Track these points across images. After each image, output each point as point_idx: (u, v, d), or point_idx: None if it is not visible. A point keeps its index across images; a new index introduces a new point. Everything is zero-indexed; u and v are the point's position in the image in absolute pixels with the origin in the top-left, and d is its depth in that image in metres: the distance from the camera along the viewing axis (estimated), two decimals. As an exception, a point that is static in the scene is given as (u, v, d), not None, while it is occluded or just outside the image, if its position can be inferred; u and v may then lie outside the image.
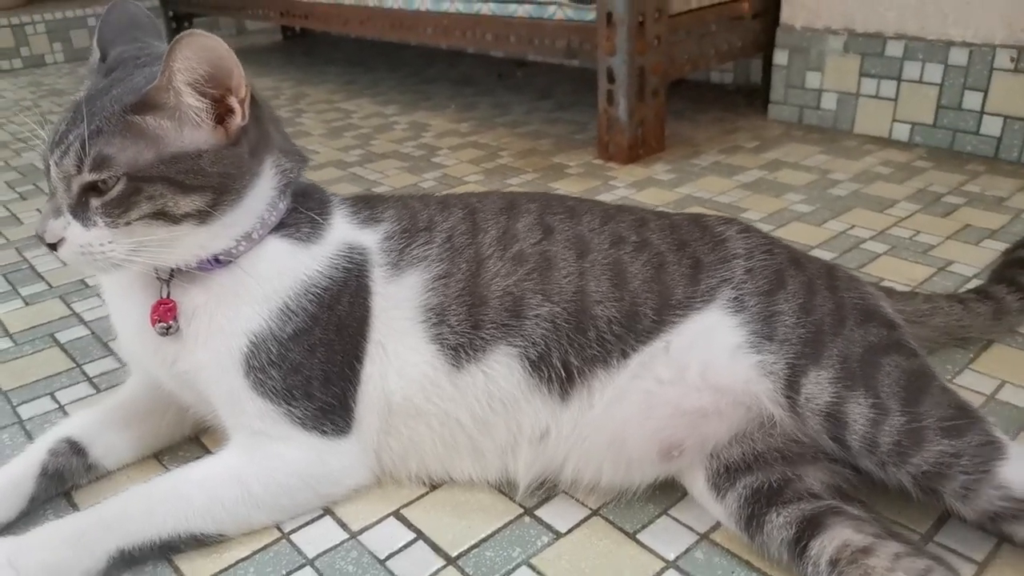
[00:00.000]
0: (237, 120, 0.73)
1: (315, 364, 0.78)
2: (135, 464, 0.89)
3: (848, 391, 0.71)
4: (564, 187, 1.69)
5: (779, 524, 0.69)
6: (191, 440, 0.93)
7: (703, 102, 2.26)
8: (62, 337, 1.19)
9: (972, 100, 1.68)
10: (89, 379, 1.07)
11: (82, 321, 1.23)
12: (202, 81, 0.70)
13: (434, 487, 0.83)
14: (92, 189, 0.70)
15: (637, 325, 0.78)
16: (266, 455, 0.78)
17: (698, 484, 0.77)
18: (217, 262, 0.78)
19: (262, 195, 0.79)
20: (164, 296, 0.78)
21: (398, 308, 0.81)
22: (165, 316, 0.78)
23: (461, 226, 0.85)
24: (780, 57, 1.97)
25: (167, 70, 0.69)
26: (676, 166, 1.78)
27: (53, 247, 0.71)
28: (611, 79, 1.75)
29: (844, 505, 0.70)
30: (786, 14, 1.94)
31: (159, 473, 0.87)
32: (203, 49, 0.68)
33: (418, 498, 0.82)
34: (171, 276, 0.79)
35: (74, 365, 1.11)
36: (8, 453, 0.92)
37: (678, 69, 1.85)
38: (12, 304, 1.30)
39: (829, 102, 1.92)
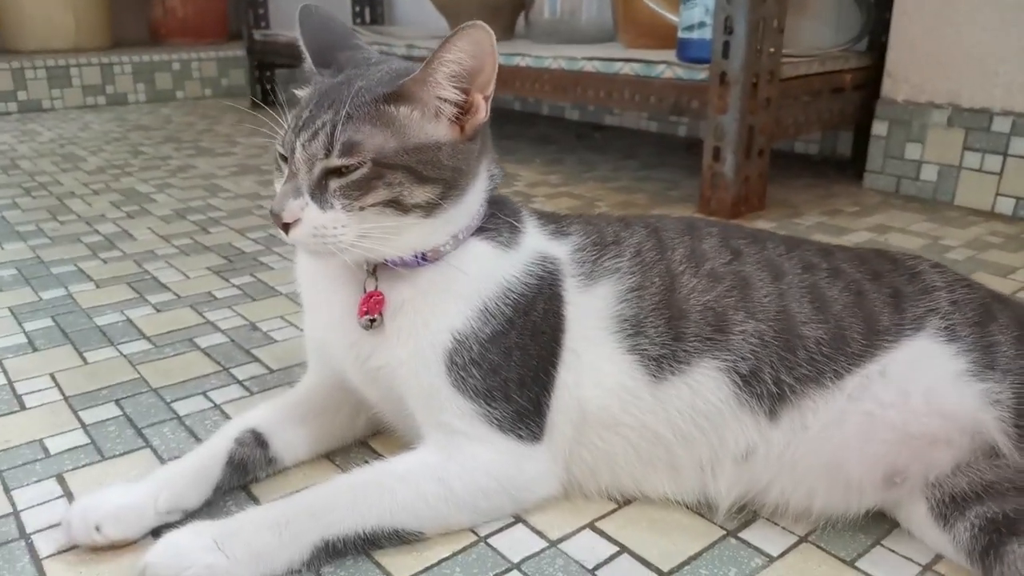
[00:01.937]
0: (480, 117, 0.75)
1: (512, 367, 0.77)
2: (309, 463, 0.87)
3: (1083, 423, 0.70)
4: (671, 237, 1.70)
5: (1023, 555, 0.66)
6: (361, 444, 0.91)
7: (791, 169, 2.29)
8: (201, 342, 1.18)
9: (1084, 176, 1.69)
10: (239, 382, 1.06)
11: (218, 329, 1.23)
12: (463, 75, 0.72)
13: (625, 502, 0.81)
14: (334, 173, 0.71)
15: (847, 348, 0.77)
16: (465, 455, 0.76)
17: (917, 514, 0.74)
18: (424, 259, 0.78)
19: (478, 196, 0.80)
20: (373, 289, 0.78)
21: (591, 317, 0.80)
22: (373, 309, 0.77)
23: (647, 242, 0.86)
24: (879, 128, 2.00)
25: (436, 60, 0.70)
26: (780, 224, 1.79)
27: (286, 228, 0.71)
28: (719, 137, 1.78)
29: (1093, 538, 0.67)
30: (887, 87, 1.98)
31: (334, 474, 0.85)
32: (478, 43, 0.70)
33: (610, 512, 0.80)
34: (374, 271, 0.79)
35: (220, 368, 1.10)
36: (172, 445, 0.91)
37: (784, 131, 1.88)
38: (143, 310, 1.30)
39: (929, 173, 1.94)
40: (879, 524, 0.77)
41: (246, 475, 0.83)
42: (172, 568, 0.66)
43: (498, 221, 0.82)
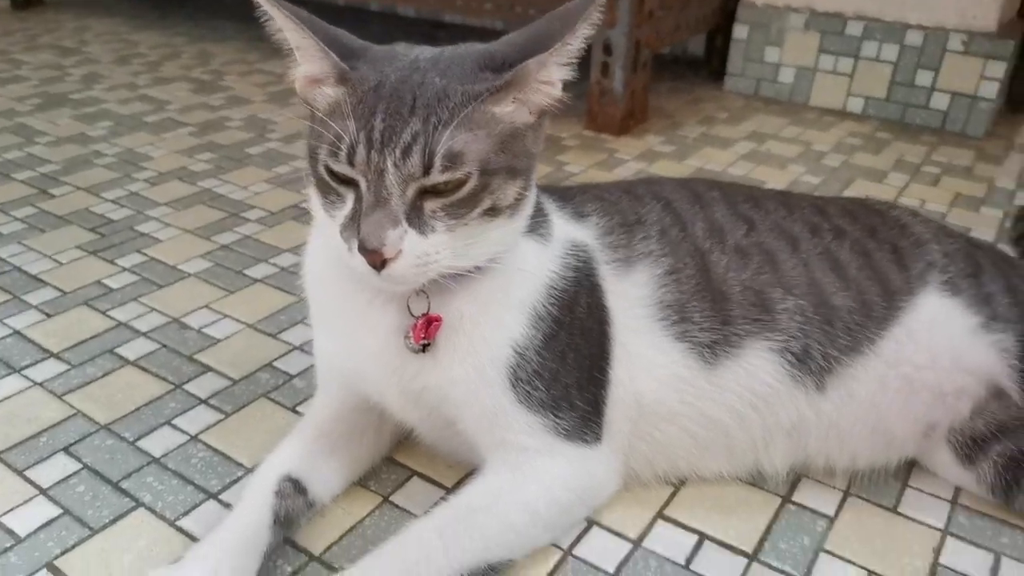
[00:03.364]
0: (558, 91, 0.65)
1: (569, 371, 0.74)
2: (344, 496, 0.80)
3: (1072, 360, 0.80)
4: (572, 159, 1.68)
5: (1044, 486, 0.76)
6: (388, 461, 0.85)
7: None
8: (126, 353, 1.02)
9: (924, 78, 1.87)
10: (204, 401, 0.93)
11: (137, 331, 1.06)
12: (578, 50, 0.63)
13: (680, 484, 0.83)
14: (430, 191, 0.61)
15: (872, 312, 0.81)
16: (540, 473, 0.73)
17: (942, 457, 0.82)
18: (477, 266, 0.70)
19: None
20: (427, 310, 0.70)
21: (633, 306, 0.79)
22: (431, 333, 0.70)
23: (666, 218, 0.84)
24: (740, 31, 2.06)
25: (571, 40, 0.61)
26: (667, 137, 1.82)
27: (383, 263, 0.61)
28: (608, 51, 1.75)
29: (1093, 462, 0.78)
30: (746, -10, 2.03)
31: (372, 502, 0.80)
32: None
33: (671, 497, 0.81)
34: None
35: (171, 386, 0.96)
36: (167, 498, 0.80)
37: (662, 41, 1.89)
38: (28, 316, 1.09)
39: (787, 76, 2.05)
40: (900, 467, 0.85)
41: (291, 528, 0.74)
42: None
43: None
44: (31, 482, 0.81)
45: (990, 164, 1.70)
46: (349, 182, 0.62)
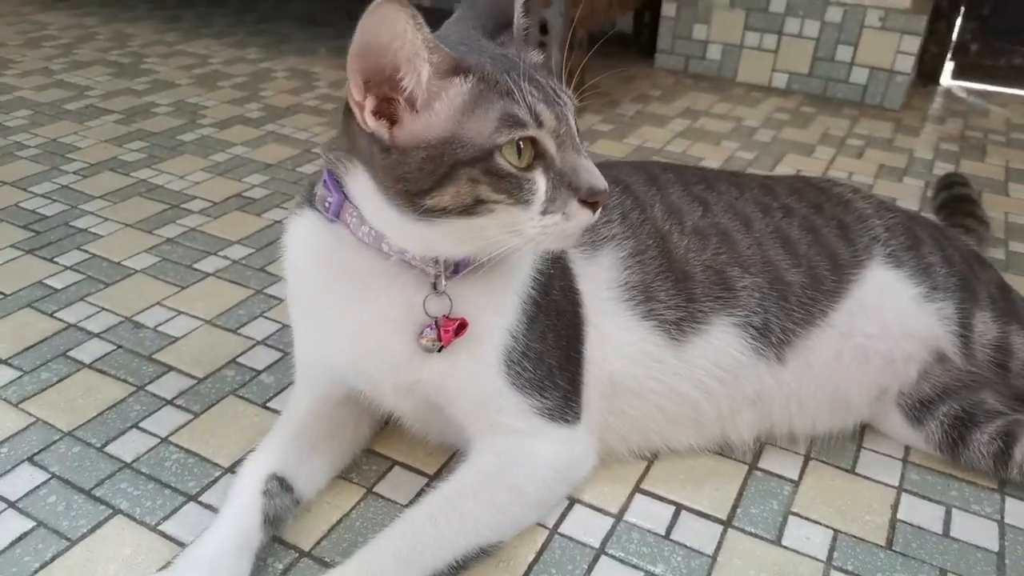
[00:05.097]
0: None
1: (550, 351, 0.76)
2: (328, 490, 0.80)
3: (1007, 325, 0.87)
4: (514, 141, 1.69)
5: (985, 441, 0.83)
6: (368, 452, 0.85)
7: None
8: (81, 356, 0.99)
9: (844, 53, 1.95)
10: (170, 402, 0.92)
11: (89, 332, 1.03)
12: None
13: (653, 456, 0.86)
14: None
15: (823, 287, 0.86)
16: (526, 454, 0.75)
17: (891, 418, 0.88)
18: None
19: None
20: (448, 311, 0.70)
21: (601, 288, 0.81)
22: (455, 337, 0.70)
23: (627, 201, 0.87)
24: (668, 9, 2.10)
25: None
26: (605, 116, 1.85)
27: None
28: (544, 31, 1.76)
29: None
30: (674, -32, 2.07)
31: (356, 494, 0.81)
32: None
33: (646, 471, 0.85)
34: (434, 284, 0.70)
35: (133, 387, 0.94)
36: (146, 503, 0.78)
37: (596, 20, 1.91)
38: (-35, 321, 1.04)
39: (714, 53, 2.10)
40: (855, 431, 0.90)
41: (279, 527, 0.74)
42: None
43: None
44: (-2, 495, 0.78)
45: (909, 136, 1.80)
46: (530, 166, 0.61)
